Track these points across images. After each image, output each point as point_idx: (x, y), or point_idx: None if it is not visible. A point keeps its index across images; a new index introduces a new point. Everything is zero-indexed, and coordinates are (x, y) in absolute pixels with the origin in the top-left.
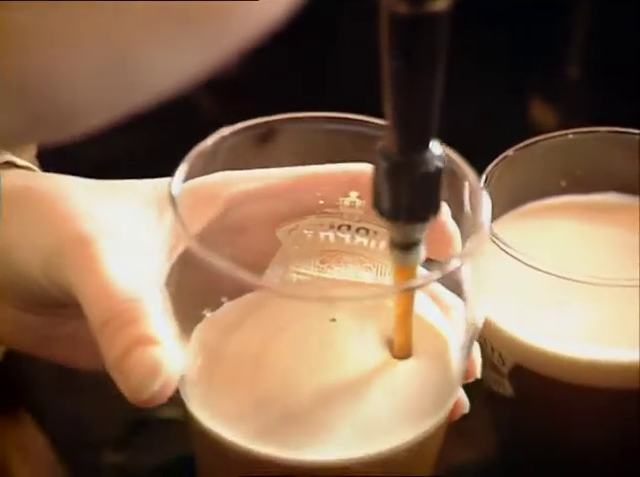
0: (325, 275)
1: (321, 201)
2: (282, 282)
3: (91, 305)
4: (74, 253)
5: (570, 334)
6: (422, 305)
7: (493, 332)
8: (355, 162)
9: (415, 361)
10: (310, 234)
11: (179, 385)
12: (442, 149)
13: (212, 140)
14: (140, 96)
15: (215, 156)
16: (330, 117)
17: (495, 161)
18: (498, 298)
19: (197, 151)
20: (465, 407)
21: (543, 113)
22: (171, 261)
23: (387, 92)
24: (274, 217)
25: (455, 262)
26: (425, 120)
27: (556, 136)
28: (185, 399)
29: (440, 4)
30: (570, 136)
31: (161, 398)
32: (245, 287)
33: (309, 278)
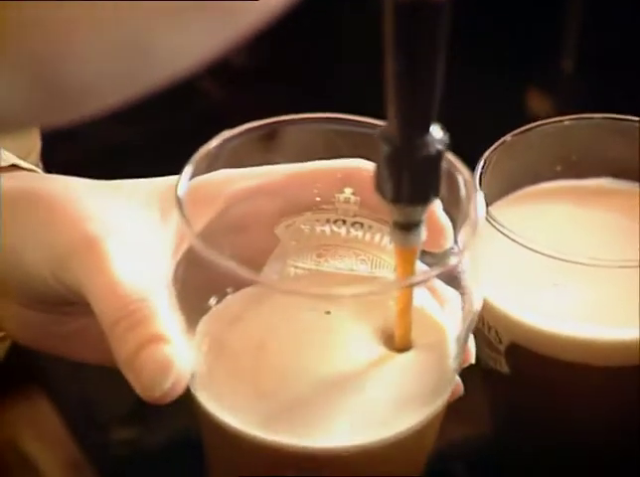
0: (322, 269)
1: (317, 197)
2: (281, 277)
3: (102, 305)
4: (82, 255)
5: (566, 313)
6: (421, 297)
7: (490, 311)
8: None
9: (414, 352)
10: (307, 229)
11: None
12: (443, 132)
13: (215, 142)
14: (153, 78)
15: (218, 157)
16: (332, 118)
17: (493, 146)
18: (495, 279)
19: (201, 153)
20: (460, 391)
21: (539, 104)
22: (176, 259)
23: (389, 76)
24: (272, 213)
25: (453, 259)
26: (427, 103)
27: (552, 123)
28: (192, 390)
29: None
30: (566, 123)
31: (173, 395)
32: (246, 283)
33: (307, 272)
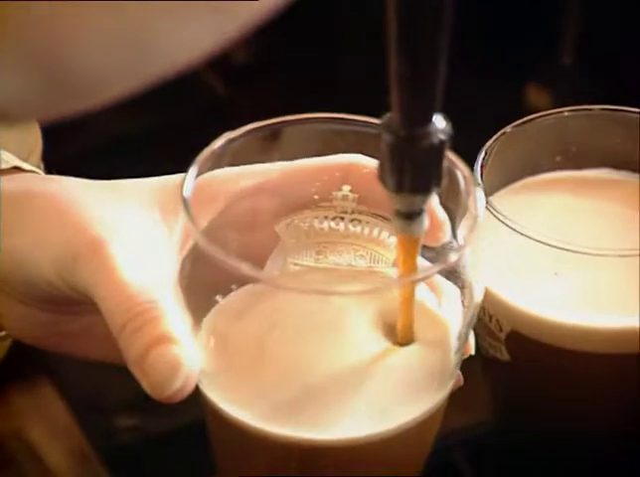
0: (321, 265)
1: (316, 195)
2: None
3: (110, 307)
4: (87, 258)
5: (566, 301)
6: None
7: (490, 299)
8: None
9: (417, 345)
10: (306, 226)
11: None
12: (446, 122)
13: (219, 142)
14: (157, 70)
15: (222, 157)
16: (334, 118)
17: (494, 137)
18: (496, 268)
19: (205, 153)
20: (460, 382)
21: (538, 98)
22: (181, 256)
23: (392, 66)
24: (272, 211)
25: (454, 255)
26: (430, 93)
27: (551, 114)
28: (198, 384)
29: None
30: (566, 114)
31: (182, 395)
32: (250, 280)
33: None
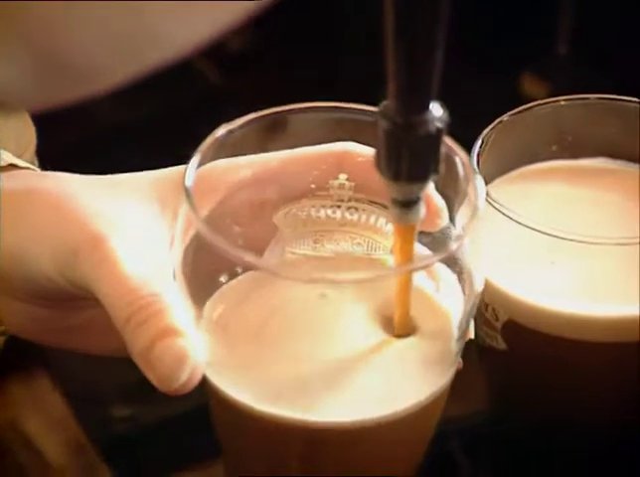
0: (319, 254)
1: (313, 184)
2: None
3: (113, 301)
4: (88, 253)
5: (562, 290)
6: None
7: (487, 288)
8: None
9: (419, 333)
10: (303, 216)
11: None
12: (443, 110)
13: (221, 131)
14: (154, 57)
15: (224, 147)
16: (336, 107)
17: (490, 126)
18: (492, 257)
19: (207, 143)
20: (460, 365)
21: (534, 88)
22: (184, 245)
23: (389, 53)
24: (270, 200)
25: (454, 244)
26: (427, 81)
27: (548, 103)
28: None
29: None
30: (562, 103)
31: (190, 387)
32: (250, 267)
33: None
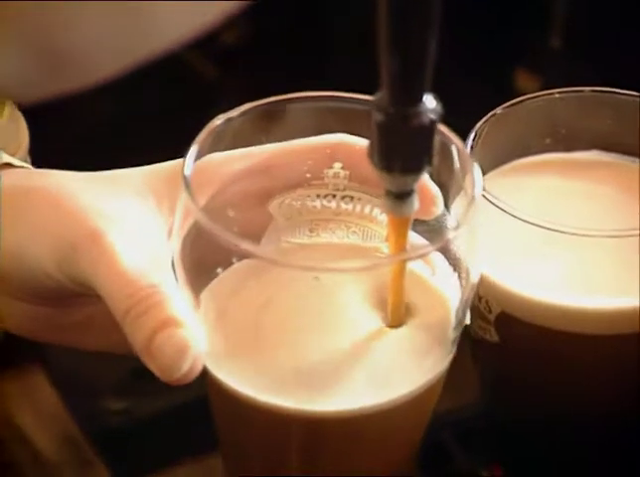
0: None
1: (308, 174)
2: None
3: (113, 295)
4: (87, 248)
5: (555, 283)
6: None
7: (480, 281)
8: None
9: (418, 320)
10: (298, 205)
11: None
12: (436, 102)
13: (218, 121)
14: (153, 46)
15: (221, 137)
16: (334, 96)
17: (483, 119)
18: (485, 249)
19: (205, 133)
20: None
21: (527, 83)
22: (182, 235)
23: (382, 45)
24: (264, 192)
25: (450, 233)
26: (420, 72)
27: (541, 96)
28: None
29: None
30: (556, 96)
31: (192, 376)
32: (248, 256)
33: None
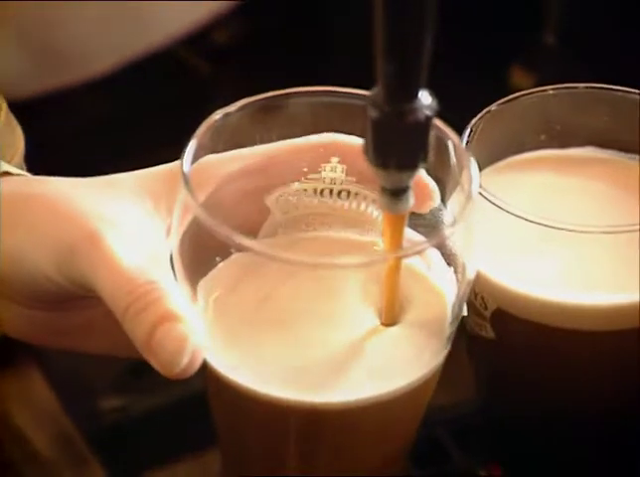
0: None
1: (305, 168)
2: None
3: (112, 293)
4: (86, 250)
5: (550, 279)
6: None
7: (476, 277)
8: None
9: (413, 315)
10: (295, 199)
11: None
12: (432, 98)
13: (217, 117)
14: (150, 39)
15: (221, 131)
16: (333, 91)
17: (478, 115)
18: (481, 246)
19: (203, 128)
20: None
21: (522, 80)
22: (181, 231)
23: (377, 41)
24: (261, 190)
25: (447, 230)
26: (415, 68)
27: (536, 92)
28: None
29: None
30: (550, 92)
31: (192, 370)
32: (245, 250)
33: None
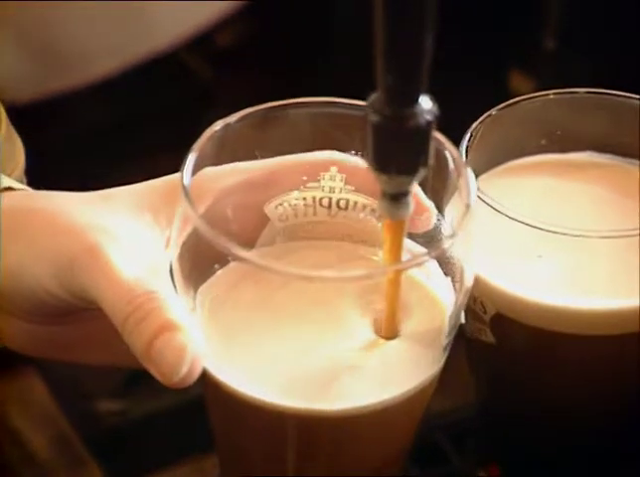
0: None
1: (304, 177)
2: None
3: (112, 303)
4: (86, 262)
5: (549, 284)
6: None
7: (475, 282)
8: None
9: (415, 323)
10: (294, 208)
11: None
12: (432, 103)
13: (216, 128)
14: (152, 42)
15: (219, 143)
16: (334, 102)
17: (479, 120)
18: (480, 250)
19: (203, 140)
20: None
21: (522, 84)
22: (180, 242)
23: (378, 46)
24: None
25: (447, 241)
26: (416, 73)
27: (537, 97)
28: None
29: None
30: (551, 97)
31: (191, 379)
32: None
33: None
